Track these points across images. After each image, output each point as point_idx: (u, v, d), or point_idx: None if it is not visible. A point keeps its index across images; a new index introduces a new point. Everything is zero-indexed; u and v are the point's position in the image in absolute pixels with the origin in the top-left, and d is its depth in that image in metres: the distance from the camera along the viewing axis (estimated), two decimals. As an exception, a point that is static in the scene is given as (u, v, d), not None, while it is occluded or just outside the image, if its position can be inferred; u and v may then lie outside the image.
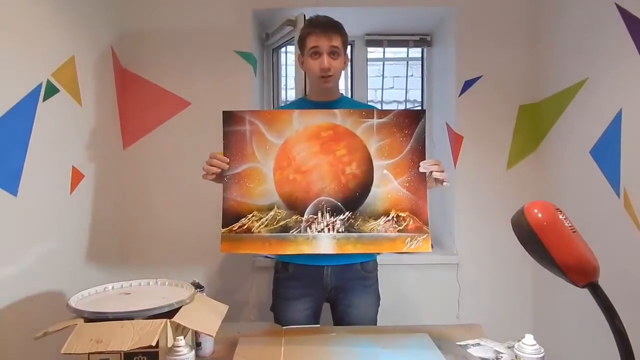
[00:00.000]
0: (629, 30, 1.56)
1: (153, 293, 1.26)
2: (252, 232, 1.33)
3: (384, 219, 1.36)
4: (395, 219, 1.36)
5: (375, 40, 2.57)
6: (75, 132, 1.71)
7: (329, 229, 1.35)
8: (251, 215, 1.34)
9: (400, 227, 1.35)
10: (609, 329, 0.85)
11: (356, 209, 1.36)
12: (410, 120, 1.38)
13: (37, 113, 1.45)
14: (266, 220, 1.34)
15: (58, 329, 1.06)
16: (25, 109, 1.41)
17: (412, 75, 2.98)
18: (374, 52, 2.71)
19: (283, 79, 2.64)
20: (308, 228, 1.35)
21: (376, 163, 1.37)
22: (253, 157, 1.36)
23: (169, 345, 1.04)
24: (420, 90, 2.71)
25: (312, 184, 1.36)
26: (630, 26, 1.56)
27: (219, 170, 1.38)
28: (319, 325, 1.59)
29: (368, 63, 2.62)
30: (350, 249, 1.35)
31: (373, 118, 1.37)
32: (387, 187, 1.37)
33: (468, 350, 1.24)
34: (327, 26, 1.56)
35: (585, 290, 0.88)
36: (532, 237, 0.89)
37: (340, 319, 1.65)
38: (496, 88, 2.21)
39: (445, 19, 2.34)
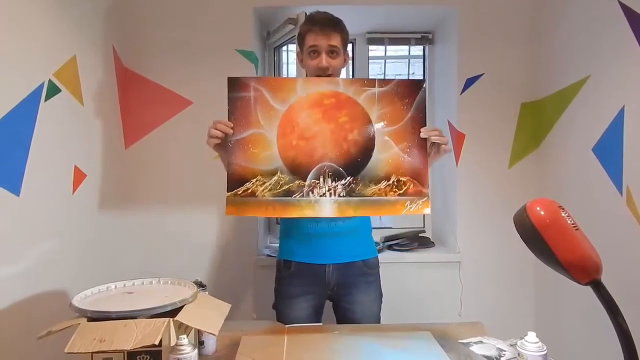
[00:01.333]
0: (632, 27, 1.56)
1: (156, 292, 1.26)
2: (257, 196, 1.36)
3: (384, 183, 1.39)
4: (395, 182, 1.39)
5: (377, 38, 2.56)
6: (77, 132, 1.71)
7: (330, 194, 1.38)
8: (255, 179, 1.37)
9: (401, 191, 1.39)
10: (611, 327, 0.85)
11: (357, 174, 1.39)
12: (411, 90, 1.42)
13: (39, 113, 1.45)
14: (270, 184, 1.36)
15: (61, 329, 1.06)
16: (27, 109, 1.41)
17: (413, 73, 2.97)
18: (376, 50, 2.70)
19: (285, 77, 2.63)
20: (310, 192, 1.38)
21: (378, 130, 1.41)
22: (257, 123, 1.38)
23: (172, 344, 1.04)
24: (421, 88, 2.70)
25: (315, 149, 1.39)
26: (632, 23, 1.55)
27: (223, 135, 1.38)
28: (321, 324, 1.59)
29: (369, 61, 2.62)
30: (351, 212, 1.39)
31: (375, 87, 1.41)
32: (388, 152, 1.40)
33: (470, 348, 1.24)
34: (326, 24, 1.54)
35: (588, 288, 0.88)
36: (534, 234, 0.89)
37: (343, 317, 1.65)
38: (498, 86, 2.21)
39: (447, 17, 2.34)
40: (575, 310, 1.91)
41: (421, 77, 2.66)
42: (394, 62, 3.18)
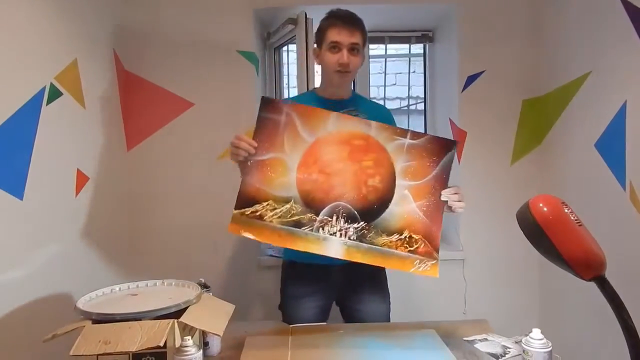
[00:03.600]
0: (633, 22, 1.55)
1: (160, 294, 1.26)
2: (264, 220, 1.33)
3: (396, 236, 1.36)
4: (407, 239, 1.36)
5: (377, 37, 2.56)
6: (79, 135, 1.72)
7: (341, 234, 1.35)
8: (266, 203, 1.34)
9: (411, 248, 1.36)
10: (616, 322, 0.85)
11: (371, 221, 1.36)
12: (441, 148, 1.38)
13: (40, 117, 1.46)
14: (280, 211, 1.33)
15: (66, 331, 1.07)
16: (29, 113, 1.42)
17: (414, 72, 2.97)
18: (376, 49, 2.70)
19: (285, 78, 2.64)
20: (320, 229, 1.35)
21: (399, 182, 1.37)
22: (281, 148, 1.36)
23: (177, 345, 1.04)
24: (422, 87, 2.70)
25: (333, 187, 1.36)
26: (633, 18, 1.55)
27: (246, 154, 1.36)
28: (325, 323, 1.59)
29: (370, 60, 2.61)
30: (358, 258, 1.35)
31: (406, 137, 1.38)
32: (405, 207, 1.37)
33: (475, 346, 1.24)
34: (350, 21, 1.52)
35: (592, 284, 0.88)
36: (538, 231, 0.89)
37: (351, 317, 1.64)
38: (499, 83, 2.21)
39: (447, 15, 2.34)
40: (579, 306, 1.91)
41: (426, 78, 2.65)
42: (395, 61, 3.18)
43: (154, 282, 1.34)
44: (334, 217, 1.35)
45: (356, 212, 1.36)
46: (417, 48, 2.69)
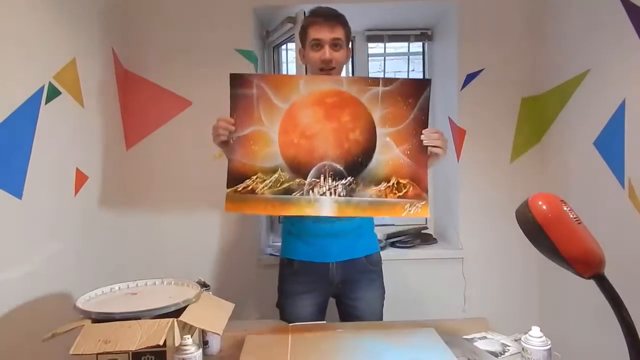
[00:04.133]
0: (631, 20, 1.55)
1: (159, 293, 1.26)
2: (256, 193, 1.36)
3: (384, 184, 1.39)
4: (395, 185, 1.39)
5: (376, 35, 2.56)
6: (78, 134, 1.71)
7: (330, 193, 1.38)
8: (255, 176, 1.37)
9: (400, 194, 1.39)
10: (615, 320, 0.85)
11: (358, 174, 1.39)
12: (415, 90, 1.40)
13: (39, 116, 1.46)
14: (270, 182, 1.36)
15: (66, 330, 1.07)
16: (28, 112, 1.41)
17: (413, 70, 2.97)
18: (375, 48, 2.70)
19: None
20: (310, 191, 1.38)
21: (379, 130, 1.40)
22: (259, 121, 1.38)
23: (177, 344, 1.04)
24: (421, 85, 2.69)
25: (316, 148, 1.39)
26: (632, 16, 1.55)
27: (227, 132, 1.38)
28: (325, 322, 1.60)
29: (369, 59, 2.61)
30: (350, 213, 1.39)
31: (379, 86, 1.39)
32: (388, 154, 1.40)
33: (475, 344, 1.24)
34: (330, 17, 1.53)
35: (592, 282, 0.88)
36: (537, 229, 0.89)
37: (347, 314, 1.65)
38: (498, 81, 2.21)
39: (446, 13, 2.34)
40: (579, 304, 1.91)
41: (425, 76, 2.65)
42: (394, 59, 3.18)
43: (154, 281, 1.34)
44: (322, 178, 1.38)
45: (342, 169, 1.39)
46: (416, 46, 2.68)
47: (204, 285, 1.33)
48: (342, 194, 1.38)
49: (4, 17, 1.32)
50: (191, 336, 1.04)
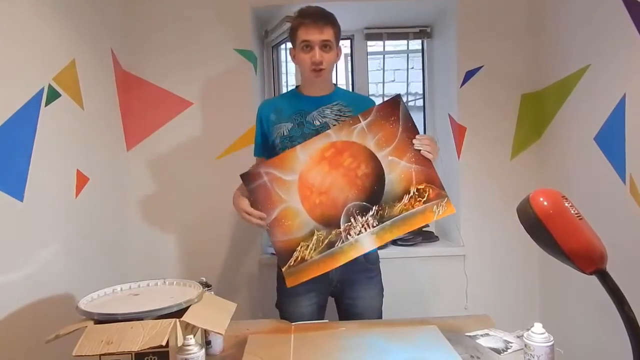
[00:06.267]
0: (631, 15, 1.55)
1: (161, 293, 1.26)
2: (306, 260, 1.47)
3: (407, 197, 1.47)
4: (416, 192, 1.47)
5: (375, 33, 2.56)
6: (78, 136, 1.72)
7: (365, 228, 1.47)
8: (299, 247, 1.47)
9: (424, 199, 1.46)
10: (617, 316, 0.85)
11: (380, 200, 1.48)
12: (391, 109, 1.49)
13: (39, 118, 1.46)
14: (313, 245, 1.47)
15: (69, 332, 1.07)
16: (28, 114, 1.41)
17: (412, 68, 2.96)
18: (374, 46, 2.69)
19: (284, 76, 2.63)
20: (348, 235, 1.47)
21: (380, 154, 1.48)
22: (280, 200, 1.48)
23: (179, 344, 1.04)
24: (421, 83, 2.69)
25: (336, 198, 1.48)
26: (632, 11, 1.55)
27: (263, 223, 1.48)
28: (327, 321, 1.60)
29: (368, 57, 2.61)
30: (389, 237, 1.48)
31: (360, 122, 1.49)
32: (397, 170, 1.48)
33: (477, 341, 1.24)
34: (319, 18, 1.52)
35: (594, 278, 0.88)
36: (538, 225, 0.89)
37: (346, 312, 1.65)
38: (498, 77, 2.21)
39: (445, 10, 2.33)
40: (581, 300, 1.91)
41: (424, 74, 2.66)
42: (393, 57, 3.17)
43: (156, 282, 1.34)
44: (352, 219, 1.47)
45: (365, 203, 1.47)
46: (416, 44, 2.68)
47: (206, 285, 1.33)
48: (375, 224, 1.47)
49: (3, 19, 1.32)
50: (194, 336, 1.04)
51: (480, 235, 2.24)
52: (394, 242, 2.35)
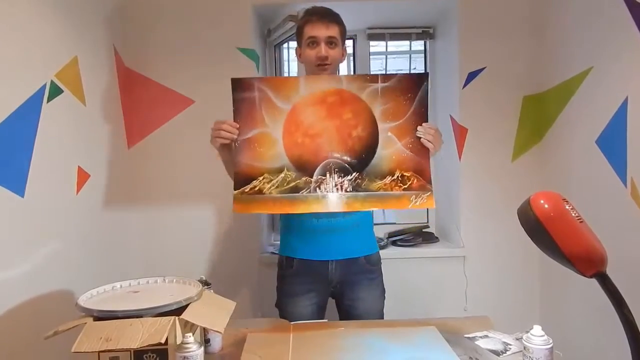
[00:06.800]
0: (634, 17, 1.55)
1: (161, 291, 1.26)
2: (264, 193, 1.39)
3: (389, 178, 1.42)
4: (400, 178, 1.43)
5: (378, 34, 2.55)
6: (80, 132, 1.72)
7: (337, 189, 1.41)
8: (262, 177, 1.40)
9: (405, 186, 1.42)
10: (617, 319, 0.85)
11: (362, 169, 1.43)
12: (413, 84, 1.43)
13: (41, 114, 1.46)
14: (277, 182, 1.40)
15: (68, 328, 1.07)
16: (30, 111, 1.42)
17: (415, 68, 2.96)
18: (377, 46, 2.69)
19: (286, 75, 2.63)
20: (317, 188, 1.41)
21: (381, 126, 1.43)
22: (262, 123, 1.40)
23: (178, 342, 1.04)
24: (423, 83, 2.69)
25: (320, 146, 1.42)
26: (634, 14, 1.55)
27: (230, 136, 1.40)
28: (326, 320, 1.60)
29: (371, 57, 2.61)
30: (358, 207, 1.43)
31: (377, 82, 1.42)
32: (391, 148, 1.43)
33: (476, 343, 1.24)
34: (325, 15, 1.56)
35: (593, 280, 0.88)
36: (538, 227, 0.89)
37: (347, 314, 1.65)
38: (500, 79, 2.20)
39: (448, 11, 2.33)
40: (580, 303, 1.91)
41: (423, 71, 2.66)
42: (395, 58, 3.17)
43: (155, 280, 1.34)
44: (327, 175, 1.41)
45: (347, 165, 1.42)
46: (418, 45, 2.68)
47: (205, 283, 1.33)
48: (348, 190, 1.41)
49: (5, 16, 1.32)
50: (193, 334, 1.04)
51: (481, 237, 2.24)
52: (394, 243, 2.35)
